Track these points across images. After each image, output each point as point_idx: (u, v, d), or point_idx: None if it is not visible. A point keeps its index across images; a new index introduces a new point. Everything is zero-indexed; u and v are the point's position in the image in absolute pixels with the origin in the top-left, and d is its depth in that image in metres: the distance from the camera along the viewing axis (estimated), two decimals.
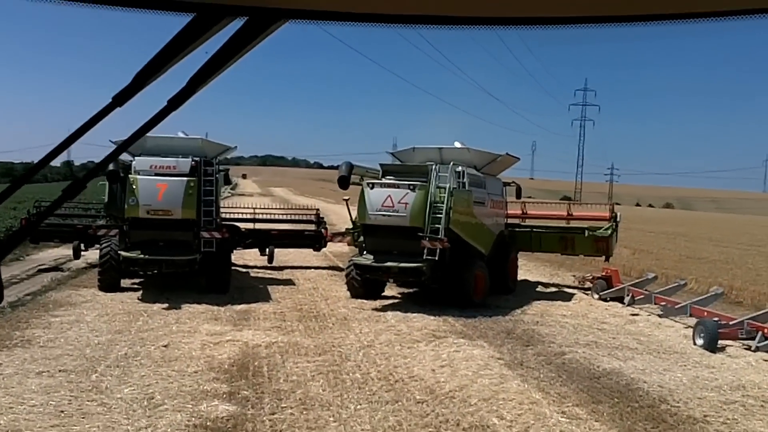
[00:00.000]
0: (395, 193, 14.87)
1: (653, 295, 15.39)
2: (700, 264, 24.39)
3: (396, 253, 14.97)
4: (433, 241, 14.58)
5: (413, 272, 14.84)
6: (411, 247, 14.68)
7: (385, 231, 15.03)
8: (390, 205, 14.78)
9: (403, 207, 14.74)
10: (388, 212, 14.82)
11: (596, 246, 19.06)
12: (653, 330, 13.80)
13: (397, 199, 14.78)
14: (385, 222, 14.92)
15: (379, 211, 14.89)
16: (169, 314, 13.51)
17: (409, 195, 14.78)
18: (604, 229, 19.10)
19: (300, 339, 11.84)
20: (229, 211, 22.10)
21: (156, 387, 8.84)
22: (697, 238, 37.56)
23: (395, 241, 14.98)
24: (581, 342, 12.39)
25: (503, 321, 14.06)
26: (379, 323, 13.42)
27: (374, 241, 15.35)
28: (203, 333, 12.00)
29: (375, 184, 15.24)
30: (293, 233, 21.41)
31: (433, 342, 11.86)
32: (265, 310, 14.34)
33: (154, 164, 15.20)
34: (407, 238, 14.74)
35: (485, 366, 10.37)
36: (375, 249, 15.32)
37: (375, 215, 14.97)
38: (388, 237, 15.04)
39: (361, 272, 15.39)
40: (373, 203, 14.99)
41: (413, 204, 14.74)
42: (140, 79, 1.51)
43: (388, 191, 14.96)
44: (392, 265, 14.84)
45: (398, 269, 14.87)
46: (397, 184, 15.03)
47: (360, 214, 15.53)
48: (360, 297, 15.75)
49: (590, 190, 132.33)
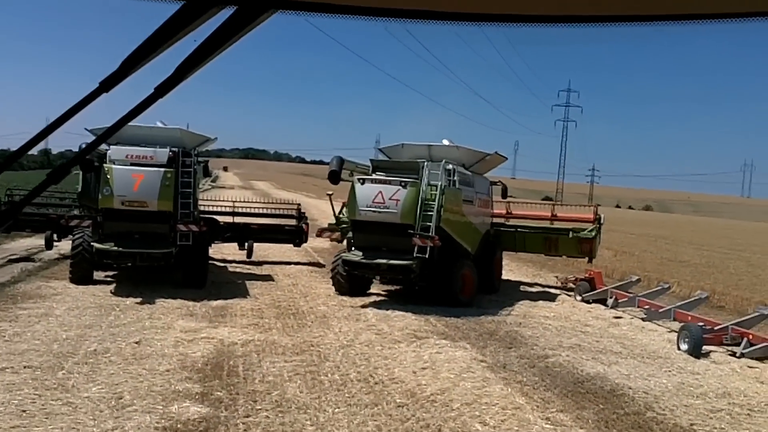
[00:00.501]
0: (386, 190, 14.67)
1: (637, 298, 15.21)
2: (682, 267, 24.33)
3: (385, 250, 14.82)
4: (424, 239, 14.43)
5: (403, 270, 14.68)
6: (401, 245, 14.55)
7: (375, 227, 14.84)
8: (381, 202, 14.59)
9: (394, 204, 14.56)
10: (378, 209, 14.63)
11: (580, 247, 19.03)
12: (637, 334, 13.61)
13: (388, 196, 14.59)
14: (376, 218, 14.71)
15: (370, 207, 14.68)
16: (143, 309, 13.11)
17: (401, 192, 14.60)
18: (588, 230, 19.06)
19: (278, 337, 11.50)
20: (208, 204, 21.66)
21: (125, 386, 8.47)
22: (678, 241, 37.64)
23: (385, 237, 14.82)
24: (564, 345, 12.16)
25: (486, 322, 13.80)
26: (359, 322, 13.11)
27: (363, 237, 15.14)
28: (177, 329, 11.63)
29: (365, 180, 15.01)
30: (273, 228, 21.03)
31: (414, 342, 11.57)
32: (243, 306, 13.98)
33: (130, 154, 14.77)
34: (397, 235, 14.60)
35: (467, 368, 10.09)
36: (364, 245, 15.12)
37: (365, 211, 14.75)
38: (377, 233, 14.86)
39: (350, 269, 15.14)
40: (364, 199, 14.76)
41: (404, 201, 14.55)
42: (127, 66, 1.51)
43: (378, 187, 14.75)
44: (382, 262, 14.66)
45: (388, 266, 14.70)
46: (389, 181, 14.83)
47: (350, 210, 15.25)
48: (345, 294, 15.57)
49: (571, 191, 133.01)
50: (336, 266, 15.74)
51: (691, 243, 37.26)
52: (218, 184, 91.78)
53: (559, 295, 17.80)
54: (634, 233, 41.29)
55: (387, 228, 14.73)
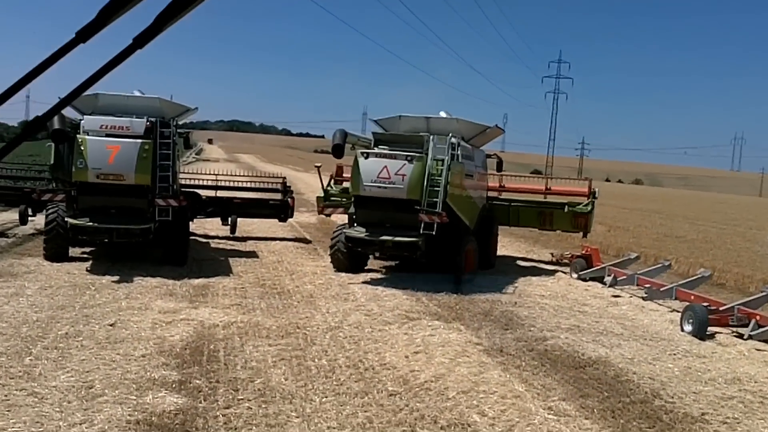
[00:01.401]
0: (392, 164, 14.16)
1: (636, 276, 14.69)
2: (679, 243, 23.88)
3: (389, 226, 14.44)
4: (431, 215, 14.03)
5: (409, 247, 14.27)
6: (405, 221, 14.21)
7: (379, 203, 14.42)
8: (386, 177, 14.12)
9: (400, 179, 14.09)
10: (383, 184, 14.15)
11: (575, 222, 18.68)
12: (637, 313, 13.10)
13: (394, 171, 14.10)
14: (381, 194, 14.25)
15: (375, 183, 14.19)
16: (119, 288, 12.44)
17: (407, 166, 14.10)
18: (584, 205, 18.65)
19: (261, 319, 10.88)
20: (190, 177, 20.91)
21: (96, 374, 7.83)
22: (672, 216, 37.22)
23: (389, 213, 14.45)
24: (563, 326, 11.62)
25: (480, 301, 13.24)
26: (347, 302, 12.51)
27: (367, 213, 14.73)
28: (155, 310, 10.98)
29: (369, 154, 14.45)
30: (257, 202, 20.33)
31: (406, 324, 10.99)
32: (225, 285, 13.34)
33: (104, 124, 13.98)
34: (402, 211, 14.26)
35: (463, 352, 9.53)
36: (366, 221, 14.71)
37: (370, 186, 14.26)
38: (381, 209, 14.46)
39: (353, 245, 14.69)
40: (368, 174, 14.25)
41: (411, 176, 14.08)
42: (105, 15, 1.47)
43: (384, 162, 14.22)
44: (387, 239, 14.26)
45: (393, 243, 14.31)
46: (394, 155, 14.30)
47: (353, 185, 14.71)
48: (344, 270, 15.12)
49: (560, 165, 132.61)
50: (336, 242, 15.24)
51: (685, 218, 36.84)
52: (202, 157, 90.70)
53: (555, 273, 17.28)
54: (626, 207, 40.87)
55: (391, 204, 14.34)
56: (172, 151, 14.47)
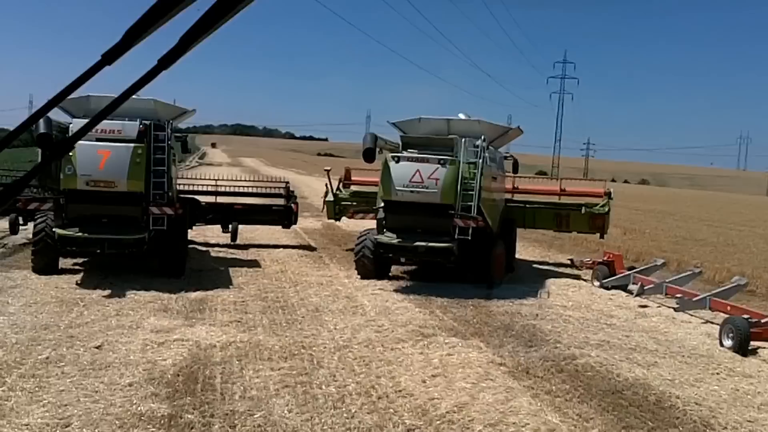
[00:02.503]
0: (424, 168, 13.84)
1: (665, 285, 13.71)
2: (700, 247, 22.86)
3: (420, 231, 14.07)
4: (467, 220, 13.75)
5: (443, 252, 13.92)
6: (437, 226, 13.93)
7: (410, 208, 14.08)
8: (419, 181, 13.81)
9: (434, 183, 13.77)
10: (416, 188, 13.82)
11: (592, 223, 18.19)
12: (669, 326, 12.13)
13: (427, 175, 13.78)
14: (413, 198, 13.91)
15: (407, 187, 13.86)
16: (110, 304, 11.53)
17: (440, 170, 13.79)
18: (601, 205, 18.14)
19: (263, 337, 9.95)
20: (189, 183, 20.02)
21: (76, 407, 6.90)
22: (687, 217, 36.19)
23: (420, 218, 14.10)
24: (591, 342, 10.67)
25: (498, 314, 12.31)
26: (356, 316, 11.59)
27: (397, 218, 14.34)
28: (147, 329, 10.06)
29: (401, 158, 14.09)
30: (259, 208, 19.45)
31: (420, 342, 10.05)
32: (224, 299, 12.42)
33: (96, 127, 13.08)
34: (434, 216, 13.95)
35: (486, 375, 8.59)
36: (396, 226, 14.32)
37: (402, 191, 13.92)
38: (412, 214, 14.11)
39: (384, 251, 14.25)
40: (400, 178, 13.92)
41: (444, 180, 13.78)
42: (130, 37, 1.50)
43: (416, 165, 13.91)
44: (421, 245, 13.86)
45: (426, 249, 13.89)
46: (426, 158, 13.96)
47: (384, 190, 14.25)
48: (369, 277, 14.59)
49: (566, 165, 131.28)
50: (361, 248, 14.71)
51: (700, 219, 35.78)
52: (206, 161, 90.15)
53: (574, 280, 16.31)
54: (639, 209, 39.82)
55: (423, 208, 14.00)
56: (167, 156, 13.57)
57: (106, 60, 1.50)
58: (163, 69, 1.53)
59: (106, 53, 1.50)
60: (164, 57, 1.52)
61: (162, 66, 1.52)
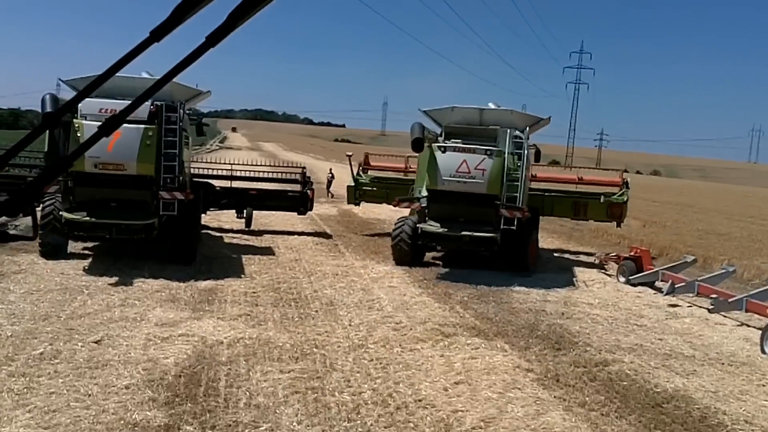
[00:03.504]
0: (471, 159, 14.03)
1: (696, 284, 12.96)
2: (724, 241, 21.99)
3: (462, 220, 14.32)
4: (512, 210, 14.08)
5: (487, 242, 14.20)
6: (479, 215, 14.24)
7: (454, 197, 14.27)
8: (466, 171, 13.97)
9: (480, 173, 13.95)
10: (463, 178, 13.99)
11: (610, 212, 18.31)
12: (703, 328, 11.41)
13: (474, 165, 13.96)
14: (459, 188, 14.09)
15: (454, 177, 14.01)
16: (116, 293, 10.98)
17: (486, 161, 13.98)
18: (619, 195, 18.39)
19: (273, 334, 9.35)
20: (204, 167, 19.43)
21: (64, 414, 6.31)
22: (705, 210, 35.18)
23: (463, 208, 14.33)
24: (623, 345, 9.98)
25: (522, 311, 11.64)
26: (372, 311, 10.97)
27: (441, 207, 14.52)
28: (152, 322, 9.50)
29: (447, 148, 14.27)
30: (274, 194, 18.83)
31: (441, 342, 9.41)
32: (235, 289, 11.83)
33: (104, 107, 12.48)
34: (478, 206, 14.21)
35: (513, 383, 7.94)
36: (440, 215, 14.53)
37: (449, 180, 14.08)
38: (455, 204, 14.32)
39: (428, 240, 14.51)
40: (447, 168, 14.07)
41: (491, 170, 13.98)
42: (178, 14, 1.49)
43: (462, 156, 14.09)
44: (466, 234, 14.09)
45: (471, 238, 14.13)
46: (473, 149, 14.16)
47: (430, 179, 14.34)
48: (405, 264, 14.70)
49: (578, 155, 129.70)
50: (399, 235, 14.84)
51: (719, 212, 34.75)
52: (226, 145, 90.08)
53: (599, 275, 15.59)
54: (657, 201, 38.83)
55: (466, 198, 14.20)
56: (178, 138, 12.97)
57: (154, 37, 1.50)
58: (212, 46, 1.53)
59: (154, 30, 1.49)
60: (212, 34, 1.51)
61: (210, 43, 1.51)
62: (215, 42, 1.51)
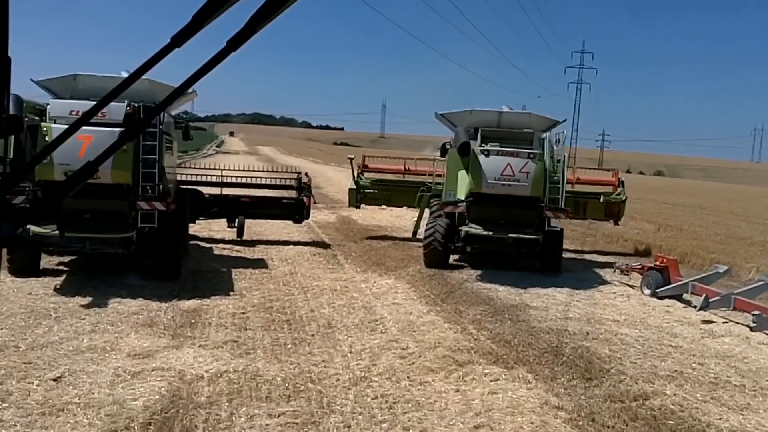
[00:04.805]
0: (515, 162, 14.34)
1: (733, 297, 11.75)
2: (748, 246, 20.75)
3: (502, 222, 14.68)
4: (556, 212, 14.88)
5: (530, 243, 14.71)
6: (520, 218, 14.68)
7: (495, 200, 14.59)
8: (510, 174, 14.27)
9: (525, 176, 14.27)
10: (508, 181, 14.29)
11: (608, 210, 19.13)
12: (745, 349, 10.20)
13: (518, 168, 14.28)
14: (504, 191, 14.38)
15: (498, 180, 14.29)
16: (87, 316, 9.80)
17: (530, 164, 14.30)
18: (617, 194, 19.33)
19: (263, 365, 8.15)
20: (193, 173, 18.25)
21: None
22: (719, 212, 33.91)
23: (502, 210, 14.70)
24: (661, 372, 8.78)
25: (542, 331, 10.45)
26: (375, 334, 9.78)
27: (483, 210, 14.78)
28: (123, 352, 8.31)
29: (490, 152, 14.53)
30: (268, 201, 17.65)
31: (455, 372, 8.22)
32: (222, 310, 10.63)
33: (75, 109, 11.32)
34: (521, 208, 14.62)
35: (543, 425, 6.74)
36: (481, 218, 14.81)
37: (494, 183, 14.35)
38: (496, 206, 14.65)
39: (471, 242, 14.87)
40: (491, 171, 14.34)
41: (535, 174, 14.30)
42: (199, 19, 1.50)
43: (506, 159, 14.39)
44: (510, 236, 14.50)
45: (513, 240, 14.57)
46: (516, 153, 14.48)
47: (474, 182, 14.50)
48: (436, 267, 14.85)
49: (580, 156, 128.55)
50: (432, 235, 15.05)
51: (734, 214, 33.48)
52: (223, 150, 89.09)
53: (620, 286, 14.39)
54: (668, 203, 37.62)
55: (509, 201, 14.54)
56: (159, 143, 11.78)
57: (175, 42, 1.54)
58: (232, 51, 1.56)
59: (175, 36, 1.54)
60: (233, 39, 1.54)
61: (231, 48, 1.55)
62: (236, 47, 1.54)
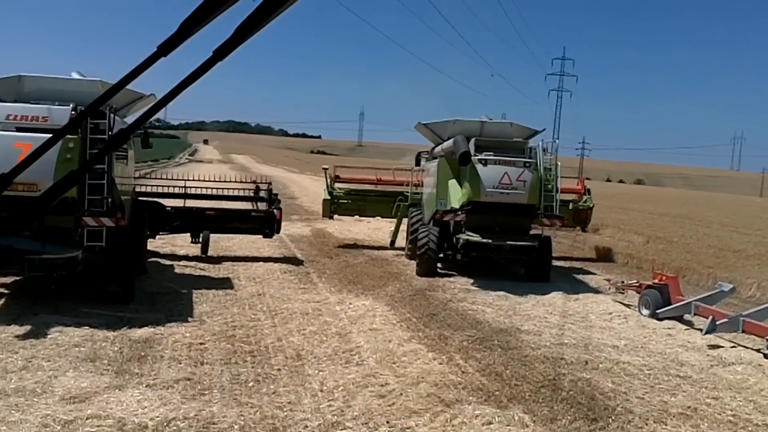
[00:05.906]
0: (512, 171, 14.73)
1: (741, 320, 10.77)
2: (744, 260, 19.87)
3: (498, 230, 14.86)
4: (552, 219, 15.43)
5: (526, 250, 14.96)
6: (515, 225, 14.96)
7: (492, 208, 14.85)
8: (508, 183, 14.63)
9: (522, 185, 14.66)
10: (506, 190, 14.64)
11: (576, 217, 19.89)
12: (761, 379, 9.18)
13: (515, 177, 14.66)
14: (502, 199, 14.72)
15: (497, 188, 14.62)
16: (21, 349, 8.58)
17: (526, 173, 14.69)
18: (584, 201, 20.27)
19: (218, 409, 6.98)
20: (154, 184, 17.02)
21: None
22: (708, 222, 33.14)
23: (498, 218, 14.91)
24: (672, 410, 7.75)
25: (536, 360, 9.39)
26: (350, 367, 8.66)
27: (480, 218, 14.98)
28: (56, 395, 7.10)
29: (488, 161, 14.82)
30: (236, 214, 16.47)
31: (441, 415, 7.12)
32: (177, 339, 9.44)
33: (12, 113, 10.14)
34: (516, 216, 14.90)
35: None
36: (478, 226, 14.96)
37: (492, 192, 14.66)
38: (493, 214, 14.88)
39: (470, 250, 14.98)
40: (489, 180, 14.68)
41: (531, 182, 14.69)
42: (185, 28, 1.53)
43: (503, 168, 14.75)
44: (507, 243, 14.70)
45: (511, 247, 14.78)
46: (513, 162, 14.85)
47: (472, 191, 14.79)
48: (429, 275, 15.23)
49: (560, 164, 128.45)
50: (426, 244, 15.27)
51: (722, 224, 32.69)
52: (196, 158, 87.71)
53: (615, 307, 13.37)
54: (654, 213, 36.81)
55: (507, 209, 14.82)
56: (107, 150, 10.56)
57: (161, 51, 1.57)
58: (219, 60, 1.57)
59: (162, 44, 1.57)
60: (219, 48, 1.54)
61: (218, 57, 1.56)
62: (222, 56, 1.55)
